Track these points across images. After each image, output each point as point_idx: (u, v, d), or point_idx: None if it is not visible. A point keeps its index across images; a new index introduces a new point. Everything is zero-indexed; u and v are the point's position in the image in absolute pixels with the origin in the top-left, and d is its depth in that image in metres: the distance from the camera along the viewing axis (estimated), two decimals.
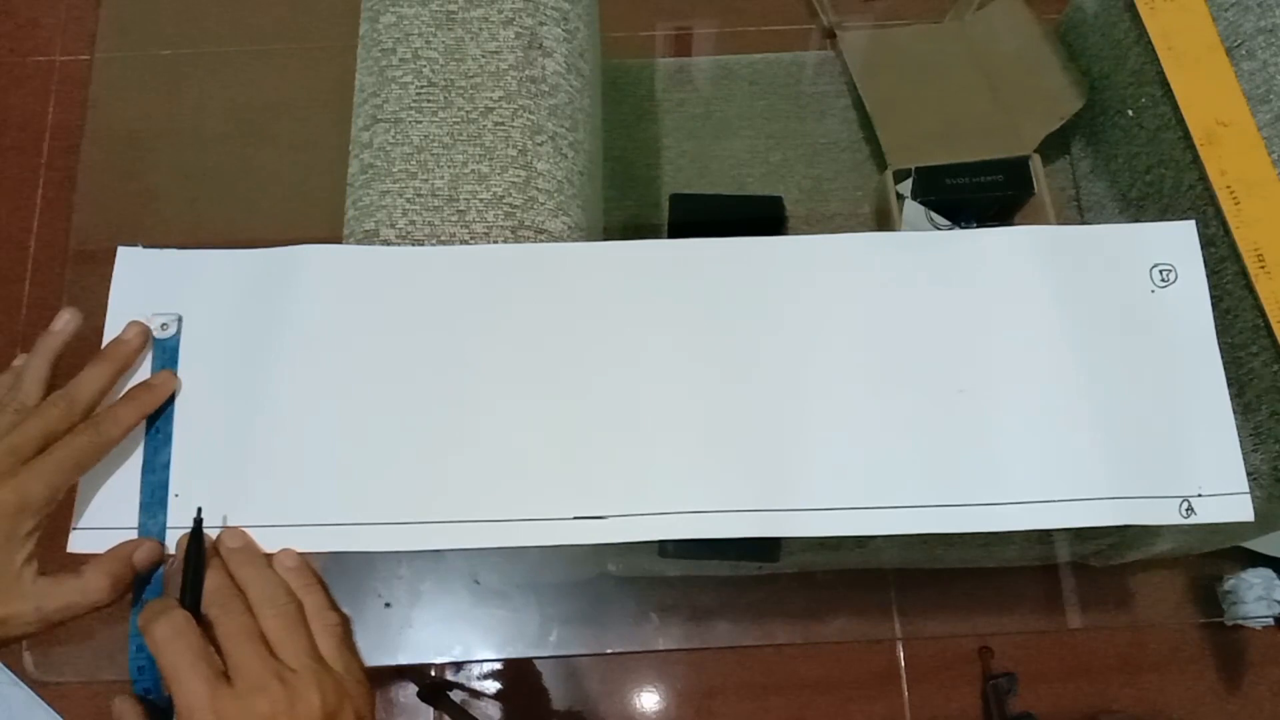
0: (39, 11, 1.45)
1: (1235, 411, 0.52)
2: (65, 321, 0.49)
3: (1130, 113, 0.73)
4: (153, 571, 0.46)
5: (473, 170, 0.55)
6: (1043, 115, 0.84)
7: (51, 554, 0.43)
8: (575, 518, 0.48)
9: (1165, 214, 0.68)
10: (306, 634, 0.42)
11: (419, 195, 0.55)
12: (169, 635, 0.39)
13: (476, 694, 1.16)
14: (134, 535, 0.47)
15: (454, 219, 0.54)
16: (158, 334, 0.50)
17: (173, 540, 0.47)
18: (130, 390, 0.48)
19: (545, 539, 0.48)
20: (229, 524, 0.47)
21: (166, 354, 0.50)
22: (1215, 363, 0.52)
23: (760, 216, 0.83)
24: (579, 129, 0.59)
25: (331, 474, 0.48)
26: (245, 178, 0.88)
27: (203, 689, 0.38)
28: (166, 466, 0.48)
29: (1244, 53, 0.60)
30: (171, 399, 0.49)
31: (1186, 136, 0.61)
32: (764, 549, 0.72)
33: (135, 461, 0.48)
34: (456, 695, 1.14)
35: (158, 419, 0.49)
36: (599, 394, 0.51)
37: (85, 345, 0.49)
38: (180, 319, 0.50)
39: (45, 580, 0.42)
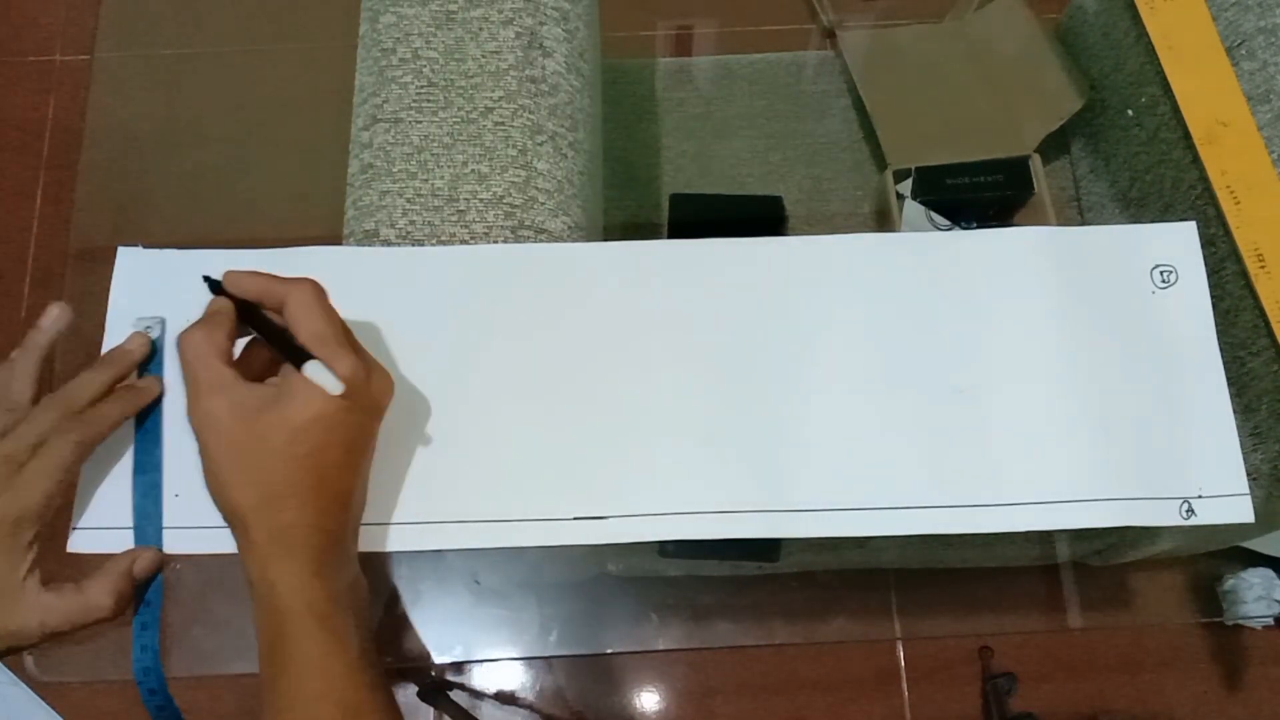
0: (39, 11, 1.45)
1: (1235, 411, 0.52)
2: (54, 318, 0.47)
3: (1130, 113, 0.72)
4: (154, 577, 0.46)
5: (473, 170, 0.55)
6: (1043, 115, 0.83)
7: (51, 554, 0.43)
8: (575, 518, 0.48)
9: (1165, 214, 0.68)
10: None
11: (419, 195, 0.55)
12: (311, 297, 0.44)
13: (477, 694, 1.16)
14: (131, 534, 0.47)
15: (454, 219, 0.54)
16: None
17: (169, 539, 0.47)
18: (117, 390, 0.47)
19: (545, 539, 0.48)
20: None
21: (152, 355, 0.49)
22: (1215, 363, 0.52)
23: (760, 216, 0.83)
24: (579, 129, 0.59)
25: None
26: (245, 178, 0.88)
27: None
28: (158, 467, 0.48)
29: (1244, 53, 0.60)
30: (159, 400, 0.48)
31: (1186, 136, 0.61)
32: (764, 549, 0.72)
33: (128, 460, 0.48)
34: (456, 695, 1.14)
35: (146, 419, 0.48)
36: (599, 394, 0.51)
37: (85, 346, 0.49)
38: (164, 321, 0.50)
39: (49, 594, 0.42)
